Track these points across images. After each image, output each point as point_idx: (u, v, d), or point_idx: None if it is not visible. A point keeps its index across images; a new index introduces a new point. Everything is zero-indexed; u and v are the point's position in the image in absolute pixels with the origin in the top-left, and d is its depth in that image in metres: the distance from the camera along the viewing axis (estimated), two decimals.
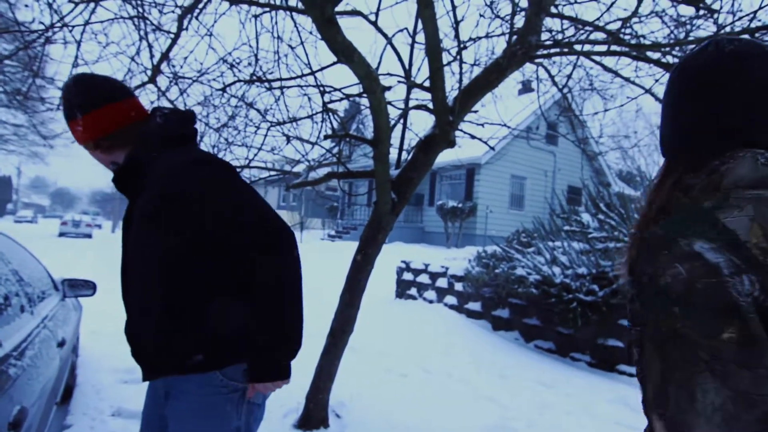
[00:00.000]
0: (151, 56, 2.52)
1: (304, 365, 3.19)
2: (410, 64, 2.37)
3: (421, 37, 2.14)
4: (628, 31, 2.66)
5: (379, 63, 2.10)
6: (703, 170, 0.68)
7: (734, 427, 0.52)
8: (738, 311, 0.54)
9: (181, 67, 2.64)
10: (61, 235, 21.71)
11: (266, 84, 2.64)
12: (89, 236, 22.22)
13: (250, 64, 2.63)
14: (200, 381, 1.14)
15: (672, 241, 0.60)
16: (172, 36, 2.42)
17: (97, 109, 1.19)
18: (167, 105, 2.91)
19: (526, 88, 3.95)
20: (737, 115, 0.67)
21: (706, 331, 0.55)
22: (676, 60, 2.66)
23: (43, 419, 1.87)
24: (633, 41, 2.55)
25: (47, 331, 2.21)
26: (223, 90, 2.61)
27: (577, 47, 2.35)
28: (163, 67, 2.55)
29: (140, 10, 2.23)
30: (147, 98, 2.81)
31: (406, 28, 2.27)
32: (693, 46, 2.45)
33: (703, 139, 0.69)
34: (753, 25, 2.27)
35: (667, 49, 2.37)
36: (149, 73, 2.47)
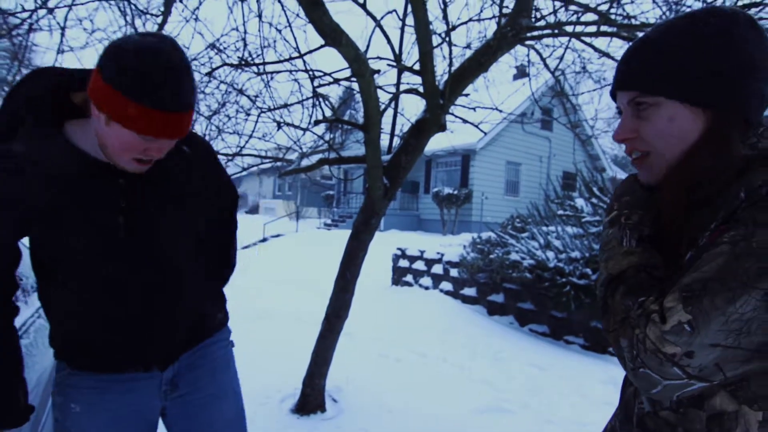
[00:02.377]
0: None
1: (300, 351, 3.25)
2: (401, 47, 2.36)
3: (411, 20, 2.12)
4: (619, 11, 2.65)
5: (368, 46, 2.08)
6: (750, 133, 0.66)
7: (740, 339, 0.57)
8: None
9: None
10: None
11: (254, 68, 2.61)
12: None
13: (237, 49, 2.60)
14: (220, 337, 1.26)
15: None
16: (159, 22, 2.38)
17: None
18: None
19: (521, 72, 3.93)
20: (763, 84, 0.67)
21: None
22: None
23: (40, 407, 1.89)
24: (624, 22, 2.54)
25: (42, 320, 2.22)
26: (210, 74, 2.58)
27: (569, 29, 2.34)
28: None
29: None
30: None
31: (395, 11, 2.25)
32: None
33: (749, 103, 0.66)
34: (740, 3, 2.26)
35: None
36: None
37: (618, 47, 2.65)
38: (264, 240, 14.79)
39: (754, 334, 0.58)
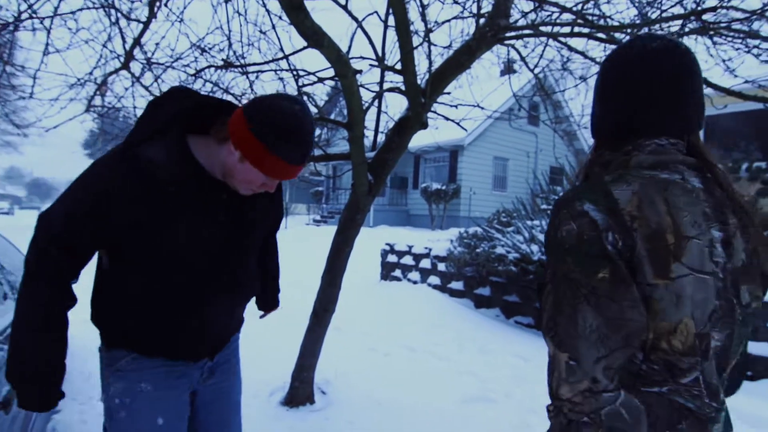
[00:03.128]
0: (124, 42, 2.50)
1: (289, 347, 3.30)
2: (383, 47, 2.41)
3: (392, 20, 2.17)
4: (596, 12, 2.73)
5: (350, 46, 2.13)
6: (621, 151, 0.84)
7: (606, 343, 0.71)
8: (609, 257, 0.72)
9: (153, 53, 2.62)
10: None
11: (239, 69, 2.65)
12: None
13: (222, 49, 2.63)
14: (238, 333, 1.45)
15: (570, 202, 0.77)
16: (143, 22, 2.40)
17: None
18: (142, 91, 2.90)
19: (507, 69, 4.00)
20: (649, 110, 0.81)
21: (586, 271, 0.72)
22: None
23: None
24: (601, 22, 2.62)
25: None
26: (196, 75, 2.61)
27: (546, 29, 2.41)
28: (137, 52, 2.53)
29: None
30: (121, 84, 2.79)
31: (377, 12, 2.30)
32: (657, 26, 2.52)
33: (624, 127, 0.83)
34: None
35: (633, 30, 2.44)
36: (122, 59, 2.45)
37: (596, 46, 2.74)
38: None
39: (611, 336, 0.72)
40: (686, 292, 0.71)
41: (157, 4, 2.33)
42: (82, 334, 4.18)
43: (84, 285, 1.28)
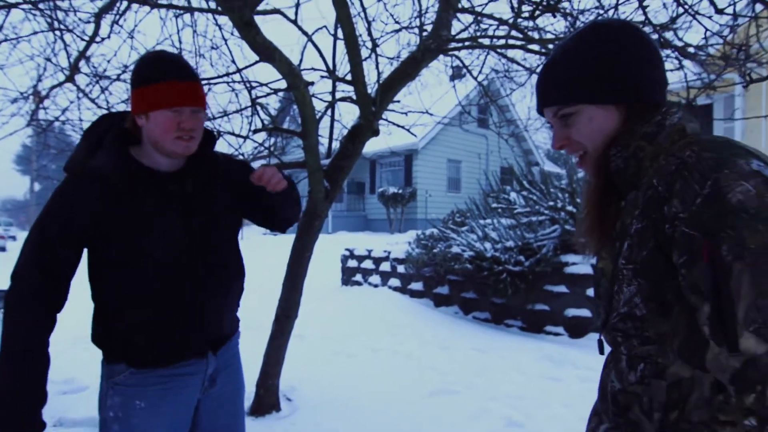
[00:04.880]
0: (68, 56, 2.45)
1: (252, 357, 3.29)
2: (333, 59, 2.50)
3: (341, 33, 2.27)
4: (531, 25, 2.95)
5: (301, 59, 2.21)
6: (653, 122, 0.75)
7: None
8: None
9: (100, 65, 2.57)
10: None
11: None
12: (3, 249, 20.14)
13: None
14: (238, 336, 1.43)
15: (729, 160, 0.63)
16: (88, 38, 2.37)
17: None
18: (89, 104, 2.83)
19: (455, 75, 4.20)
20: (658, 76, 0.78)
21: None
22: None
23: None
24: (535, 34, 2.84)
25: None
26: None
27: (486, 41, 2.59)
28: (82, 65, 2.48)
29: (52, 15, 2.16)
30: (66, 97, 2.72)
31: (326, 26, 2.39)
32: None
33: (649, 93, 0.77)
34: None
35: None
36: (67, 72, 2.40)
37: (533, 55, 2.94)
38: None
39: None
40: None
41: (104, 17, 2.30)
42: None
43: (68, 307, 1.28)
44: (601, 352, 0.88)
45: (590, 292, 4.67)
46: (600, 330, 0.85)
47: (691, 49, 2.29)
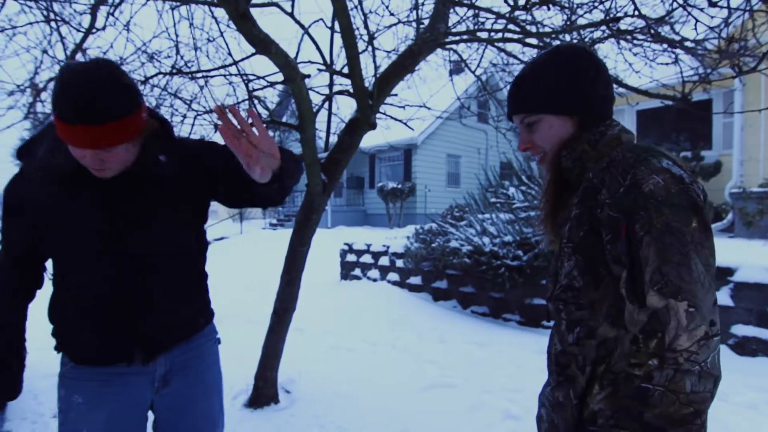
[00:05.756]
0: (65, 49, 2.44)
1: (251, 350, 3.32)
2: (330, 52, 2.50)
3: (338, 26, 2.26)
4: (529, 18, 2.94)
5: (298, 51, 2.21)
6: (596, 131, 0.92)
7: (708, 287, 0.75)
8: (698, 207, 0.77)
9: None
10: None
11: (188, 75, 2.65)
12: None
13: (169, 55, 2.62)
14: (209, 336, 1.36)
15: (645, 159, 0.81)
16: (84, 29, 2.36)
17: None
18: None
19: (455, 69, 4.19)
20: (608, 95, 0.96)
21: (685, 222, 0.75)
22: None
23: None
24: (533, 28, 2.83)
25: None
26: (144, 82, 2.60)
27: (483, 34, 2.59)
28: (79, 57, 2.48)
29: (48, 6, 2.15)
30: None
31: (322, 19, 2.39)
32: (588, 30, 2.76)
33: (599, 107, 0.94)
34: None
35: (560, 36, 2.66)
36: (62, 65, 2.39)
37: (531, 49, 2.94)
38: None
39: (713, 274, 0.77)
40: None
41: (100, 8, 2.30)
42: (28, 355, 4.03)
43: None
44: (548, 319, 1.02)
45: None
46: (547, 301, 0.99)
47: (687, 43, 2.29)
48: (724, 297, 3.90)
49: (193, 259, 1.29)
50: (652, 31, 2.16)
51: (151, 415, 1.30)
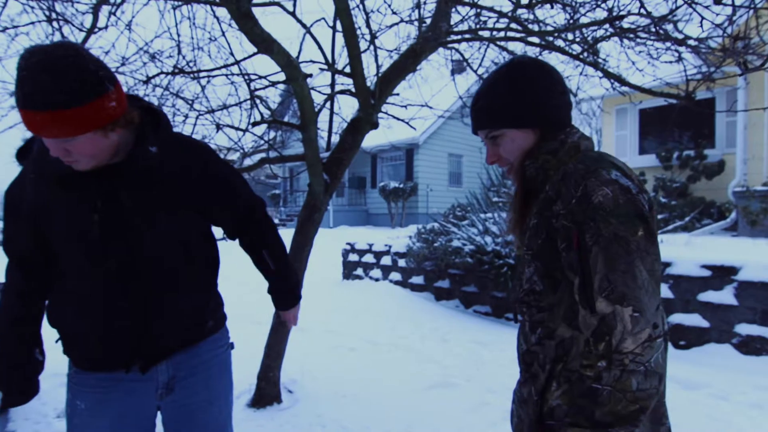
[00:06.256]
0: None
1: (254, 351, 3.32)
2: (332, 51, 2.50)
3: (340, 25, 2.26)
4: (531, 17, 2.93)
5: (300, 51, 2.20)
6: (557, 139, 0.97)
7: (654, 290, 0.81)
8: (644, 216, 0.83)
9: (100, 57, 2.56)
10: None
11: (191, 74, 2.65)
12: None
13: (171, 55, 2.62)
14: (219, 342, 1.32)
15: (595, 171, 0.85)
16: (86, 29, 2.36)
17: (116, 78, 1.03)
18: None
19: (457, 69, 4.18)
20: (566, 105, 1.00)
21: (631, 231, 0.80)
22: (574, 47, 2.98)
23: None
24: (535, 27, 2.82)
25: None
26: (147, 81, 2.60)
27: (485, 33, 2.58)
28: None
29: (50, 6, 2.15)
30: None
31: (324, 18, 2.39)
32: (594, 27, 2.75)
33: (556, 117, 0.98)
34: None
35: (564, 34, 2.65)
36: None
37: (533, 48, 2.93)
38: None
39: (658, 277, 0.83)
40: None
41: (102, 7, 2.30)
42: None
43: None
44: (516, 321, 1.05)
45: None
46: (513, 303, 1.08)
47: (691, 42, 2.28)
48: (728, 296, 3.88)
49: (195, 262, 1.22)
50: (656, 29, 2.15)
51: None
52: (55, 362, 1.23)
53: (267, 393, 3.11)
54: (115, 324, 1.13)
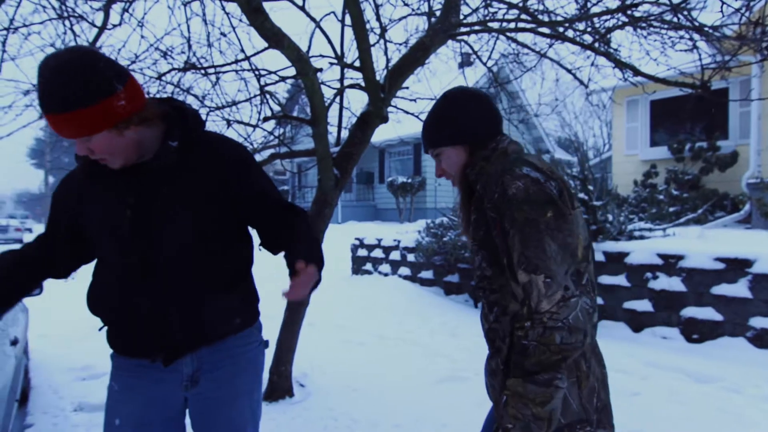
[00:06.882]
0: None
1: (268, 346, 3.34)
2: (342, 45, 2.49)
3: (349, 19, 2.25)
4: (540, 7, 2.90)
5: (309, 46, 2.20)
6: (489, 148, 1.16)
7: (564, 260, 0.97)
8: (552, 200, 0.99)
9: (110, 56, 2.58)
10: None
11: (201, 71, 2.67)
12: (20, 241, 20.70)
13: (183, 51, 2.63)
14: (249, 339, 1.30)
15: (510, 169, 1.03)
16: (98, 27, 2.38)
17: (130, 77, 1.05)
18: None
19: (464, 62, 4.15)
20: (496, 120, 1.21)
21: (540, 213, 0.98)
22: (585, 37, 2.94)
23: (6, 413, 1.91)
24: (545, 17, 2.79)
25: None
26: (159, 78, 2.61)
27: (495, 25, 2.55)
28: None
29: (62, 4, 2.17)
30: None
31: (334, 12, 2.38)
32: (604, 17, 2.71)
33: (482, 132, 1.18)
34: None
35: (573, 24, 2.62)
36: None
37: (543, 39, 2.89)
38: None
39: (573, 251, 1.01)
40: (579, 218, 1.05)
41: (113, 5, 2.32)
42: (43, 348, 4.10)
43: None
44: (476, 305, 1.24)
45: (600, 279, 4.64)
46: (473, 290, 1.27)
47: (707, 29, 2.24)
48: (742, 289, 3.83)
49: (219, 259, 1.21)
50: (670, 17, 2.11)
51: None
52: (71, 358, 1.27)
53: (279, 386, 3.14)
54: (139, 315, 1.16)
